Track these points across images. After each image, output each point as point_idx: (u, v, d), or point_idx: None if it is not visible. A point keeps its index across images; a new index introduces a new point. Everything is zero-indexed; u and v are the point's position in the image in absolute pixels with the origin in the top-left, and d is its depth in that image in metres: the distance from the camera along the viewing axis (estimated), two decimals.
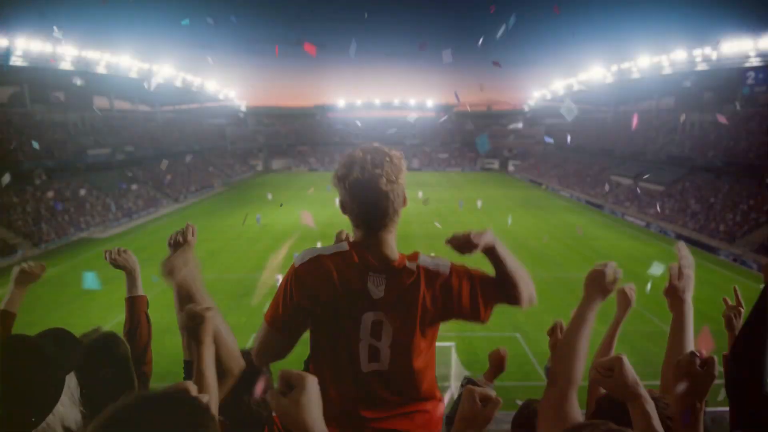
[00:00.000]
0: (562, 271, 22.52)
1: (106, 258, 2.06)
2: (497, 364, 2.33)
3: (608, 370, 1.23)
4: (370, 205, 1.40)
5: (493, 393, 1.17)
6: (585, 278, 1.49)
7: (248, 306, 17.93)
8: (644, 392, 1.19)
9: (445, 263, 1.49)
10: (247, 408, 1.66)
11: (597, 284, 1.46)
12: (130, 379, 1.60)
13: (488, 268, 1.57)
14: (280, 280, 1.53)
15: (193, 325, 1.30)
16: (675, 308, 1.68)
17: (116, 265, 2.07)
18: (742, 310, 2.10)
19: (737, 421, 1.31)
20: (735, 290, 2.14)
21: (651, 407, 1.17)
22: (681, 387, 1.23)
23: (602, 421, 0.94)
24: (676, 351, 1.58)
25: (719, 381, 1.28)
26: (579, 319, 1.44)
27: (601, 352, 2.04)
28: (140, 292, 2.08)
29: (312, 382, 0.98)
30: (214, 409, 1.23)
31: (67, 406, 0.96)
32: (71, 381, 1.01)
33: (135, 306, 2.01)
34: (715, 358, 1.25)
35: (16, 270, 1.95)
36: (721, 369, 1.29)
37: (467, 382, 2.19)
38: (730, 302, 2.10)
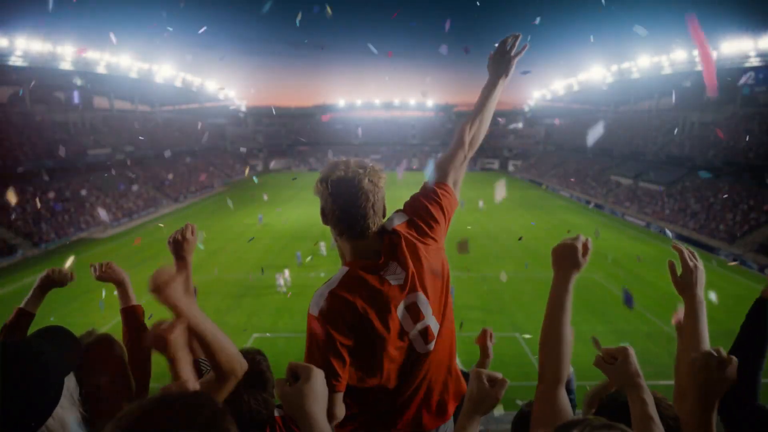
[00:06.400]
0: None
1: (92, 273, 2.06)
2: (483, 349, 2.44)
3: (612, 358, 1.23)
4: (350, 205, 1.39)
5: (499, 374, 1.18)
6: (553, 255, 1.35)
7: (248, 306, 17.92)
8: (644, 384, 1.19)
9: (398, 212, 1.57)
10: (248, 407, 1.66)
11: (570, 259, 1.33)
12: (128, 381, 1.59)
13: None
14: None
15: (158, 347, 1.27)
16: (686, 304, 1.55)
17: (104, 278, 2.06)
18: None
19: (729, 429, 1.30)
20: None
21: (649, 397, 1.17)
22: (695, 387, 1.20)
23: (595, 416, 0.94)
24: (691, 349, 1.50)
25: None
26: (559, 305, 1.29)
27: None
28: (134, 301, 2.06)
29: (318, 375, 1.03)
30: None
31: (67, 408, 0.94)
32: (70, 382, 0.98)
33: (132, 316, 2.00)
34: (734, 359, 1.18)
35: (43, 273, 2.02)
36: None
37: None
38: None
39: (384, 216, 1.49)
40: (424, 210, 1.54)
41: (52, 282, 2.02)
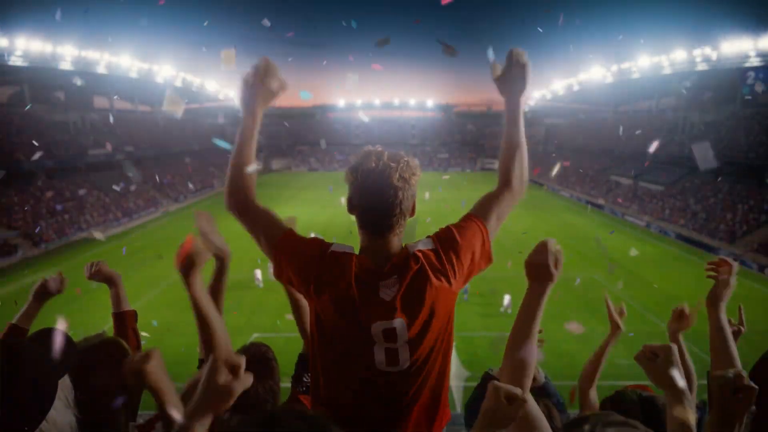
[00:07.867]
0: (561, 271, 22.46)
1: (86, 272, 2.01)
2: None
3: (654, 354, 1.18)
4: (377, 200, 1.36)
5: (519, 391, 1.11)
6: (527, 267, 1.38)
7: (248, 306, 17.90)
8: (684, 386, 1.14)
9: (427, 239, 1.48)
10: (255, 395, 1.66)
11: (544, 271, 1.35)
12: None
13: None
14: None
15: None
16: (711, 316, 1.74)
17: (94, 279, 2.02)
18: (743, 329, 2.05)
19: None
20: (740, 310, 2.07)
21: (690, 403, 1.13)
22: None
23: (606, 411, 0.92)
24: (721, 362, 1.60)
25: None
26: (531, 315, 1.31)
27: (584, 377, 2.11)
28: (127, 306, 2.03)
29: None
30: None
31: (60, 411, 0.94)
32: (64, 384, 0.98)
33: (122, 322, 1.97)
34: (754, 388, 1.12)
35: (36, 284, 1.91)
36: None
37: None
38: (732, 321, 2.01)
39: (413, 214, 1.44)
40: (454, 249, 1.44)
41: (49, 291, 1.92)
